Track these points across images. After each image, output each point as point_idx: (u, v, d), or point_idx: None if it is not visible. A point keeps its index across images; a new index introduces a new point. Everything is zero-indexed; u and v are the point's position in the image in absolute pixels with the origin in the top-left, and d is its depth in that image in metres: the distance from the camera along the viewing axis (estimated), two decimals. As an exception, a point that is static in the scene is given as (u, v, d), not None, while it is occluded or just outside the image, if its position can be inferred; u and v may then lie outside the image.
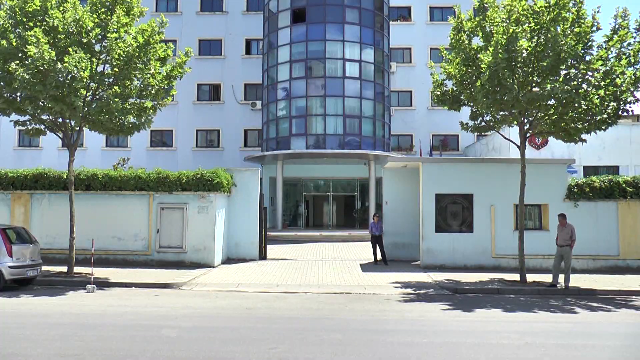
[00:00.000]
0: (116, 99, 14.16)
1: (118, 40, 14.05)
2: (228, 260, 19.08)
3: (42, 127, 15.58)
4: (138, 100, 15.13)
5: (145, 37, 14.44)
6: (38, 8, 13.79)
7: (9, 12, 13.91)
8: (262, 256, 19.74)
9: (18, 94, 14.29)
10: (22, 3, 13.74)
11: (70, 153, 15.26)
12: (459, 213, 17.81)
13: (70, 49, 13.39)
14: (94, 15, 14.20)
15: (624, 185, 17.33)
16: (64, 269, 15.13)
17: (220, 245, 18.34)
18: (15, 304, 11.30)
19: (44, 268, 14.64)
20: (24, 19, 13.80)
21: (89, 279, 13.58)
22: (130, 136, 17.11)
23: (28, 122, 15.51)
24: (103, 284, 13.77)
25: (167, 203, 17.73)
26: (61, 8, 14.24)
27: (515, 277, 14.87)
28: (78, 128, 15.19)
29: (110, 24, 14.17)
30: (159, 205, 17.72)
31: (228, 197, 19.17)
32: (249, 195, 19.46)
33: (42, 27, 13.71)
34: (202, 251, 17.52)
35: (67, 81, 13.26)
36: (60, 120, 15.18)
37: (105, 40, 14.17)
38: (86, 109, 14.24)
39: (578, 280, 14.71)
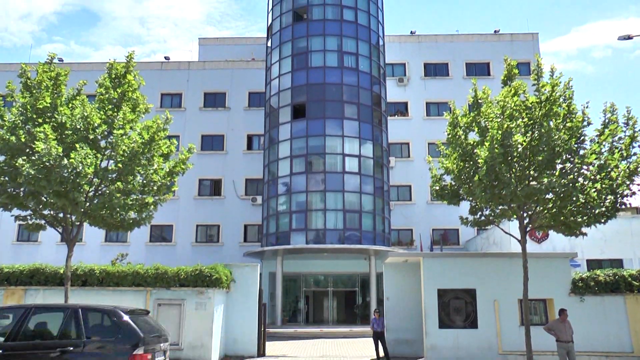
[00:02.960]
0: (118, 195, 14.26)
1: (124, 137, 14.31)
2: (225, 358, 18.39)
3: (43, 222, 15.50)
4: (140, 195, 15.22)
5: (150, 133, 14.74)
6: (48, 105, 14.15)
7: (20, 109, 14.25)
8: (261, 353, 19.05)
9: (22, 189, 14.37)
10: (34, 100, 14.13)
11: (69, 248, 15.12)
12: (462, 308, 17.39)
13: (77, 145, 13.62)
14: (101, 112, 14.52)
15: (629, 279, 17.02)
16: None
17: (218, 342, 17.75)
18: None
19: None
20: (34, 116, 14.09)
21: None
22: (130, 231, 17.03)
23: (29, 217, 15.44)
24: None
25: (164, 299, 17.34)
26: (70, 105, 14.67)
27: (524, 375, 14.29)
28: (78, 223, 15.17)
29: (116, 120, 14.47)
30: (156, 301, 17.31)
31: (227, 292, 18.82)
32: (248, 291, 19.10)
33: (51, 124, 13.97)
34: (198, 348, 16.92)
35: (72, 177, 13.29)
36: (61, 215, 15.18)
37: (111, 136, 14.42)
38: (88, 204, 14.30)
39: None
